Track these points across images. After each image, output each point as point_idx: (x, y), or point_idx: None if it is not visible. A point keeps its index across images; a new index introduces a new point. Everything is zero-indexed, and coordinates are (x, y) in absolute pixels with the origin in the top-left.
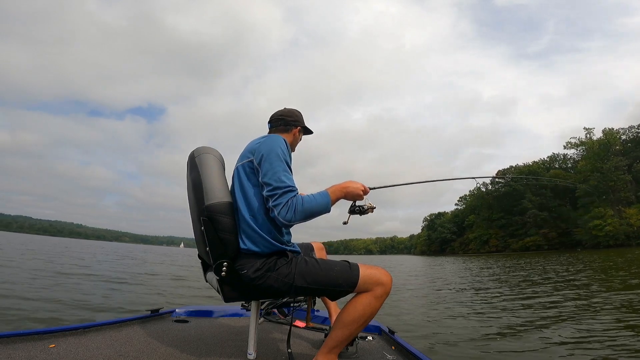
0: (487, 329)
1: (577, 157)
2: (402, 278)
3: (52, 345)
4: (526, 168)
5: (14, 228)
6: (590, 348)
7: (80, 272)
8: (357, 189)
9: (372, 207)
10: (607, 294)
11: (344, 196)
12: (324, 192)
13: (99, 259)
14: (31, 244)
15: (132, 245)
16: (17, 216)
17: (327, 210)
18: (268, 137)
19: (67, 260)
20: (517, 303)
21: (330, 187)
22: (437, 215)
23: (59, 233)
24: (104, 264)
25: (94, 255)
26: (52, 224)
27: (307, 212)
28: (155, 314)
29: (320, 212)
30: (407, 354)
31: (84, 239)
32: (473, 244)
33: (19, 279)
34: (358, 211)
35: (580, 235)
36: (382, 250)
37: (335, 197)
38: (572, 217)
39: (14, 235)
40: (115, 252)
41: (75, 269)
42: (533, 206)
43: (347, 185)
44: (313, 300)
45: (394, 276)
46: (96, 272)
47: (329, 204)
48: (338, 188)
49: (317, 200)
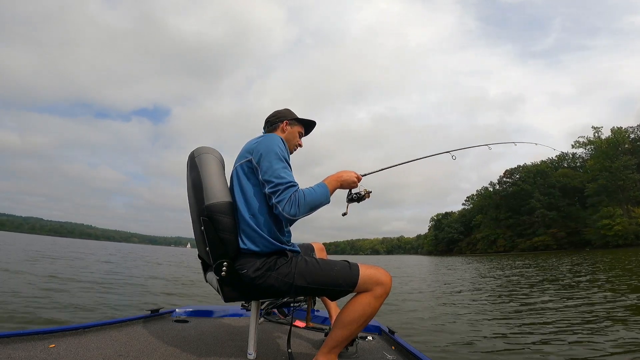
0: (488, 330)
1: (586, 156)
2: (407, 278)
3: (52, 345)
4: (534, 167)
5: (25, 229)
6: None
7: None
8: (351, 177)
9: (368, 192)
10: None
11: (340, 186)
12: (321, 183)
13: (126, 263)
14: (53, 245)
15: (142, 246)
16: (28, 217)
17: (328, 200)
18: (265, 137)
19: (94, 264)
20: (523, 304)
21: (325, 179)
22: (444, 215)
23: (69, 234)
24: (132, 267)
25: (124, 258)
26: (62, 225)
27: (310, 205)
28: (155, 314)
29: (321, 203)
30: (407, 354)
31: (94, 239)
32: (480, 244)
33: (42, 283)
34: (356, 199)
35: (589, 235)
36: (388, 250)
37: (333, 187)
38: (581, 216)
39: (28, 237)
40: (131, 252)
41: (105, 275)
42: (541, 205)
43: (341, 174)
44: (313, 300)
45: (397, 276)
46: (123, 275)
47: (329, 194)
48: (333, 178)
49: (317, 192)
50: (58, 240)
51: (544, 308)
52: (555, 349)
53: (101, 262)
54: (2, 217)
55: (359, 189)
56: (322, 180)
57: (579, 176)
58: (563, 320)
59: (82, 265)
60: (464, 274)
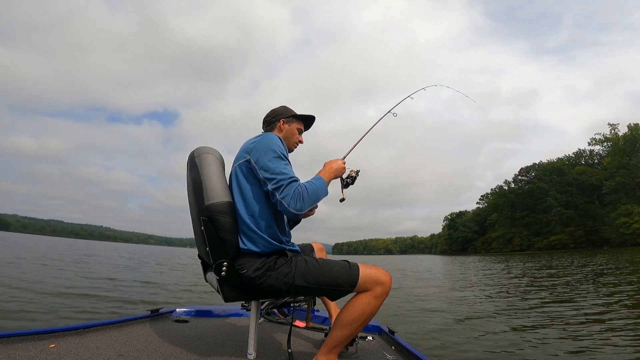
0: (489, 330)
1: (603, 153)
2: (414, 278)
3: (52, 345)
4: (550, 165)
5: (47, 232)
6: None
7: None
8: (339, 165)
9: (357, 172)
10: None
11: (334, 176)
12: (317, 176)
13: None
14: (88, 249)
15: (160, 248)
16: (49, 220)
17: (326, 192)
18: (262, 136)
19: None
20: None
21: (318, 173)
22: (457, 214)
23: (89, 236)
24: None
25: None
26: (83, 227)
27: (313, 198)
28: (155, 314)
29: (322, 195)
30: (407, 354)
31: (113, 241)
32: (496, 243)
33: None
34: (350, 182)
35: (607, 234)
36: (402, 250)
37: (328, 179)
38: (599, 214)
39: (53, 239)
40: (173, 257)
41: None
42: (558, 204)
43: (331, 166)
44: (313, 300)
45: (406, 276)
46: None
47: (326, 186)
48: (326, 171)
49: (317, 185)
50: (87, 243)
51: (558, 310)
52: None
53: (170, 269)
54: (24, 219)
55: (348, 173)
56: (317, 174)
57: (596, 173)
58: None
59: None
60: (479, 273)
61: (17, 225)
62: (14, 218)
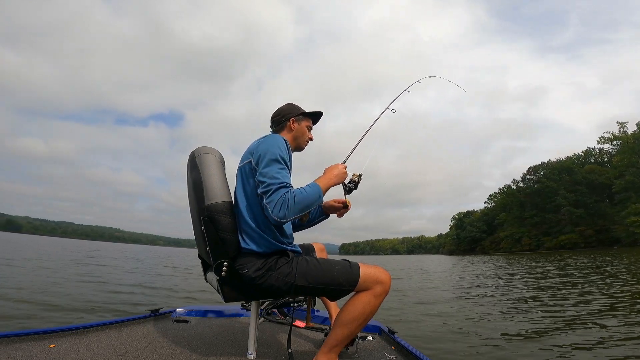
0: (489, 330)
1: (613, 151)
2: (416, 279)
3: (52, 345)
4: (559, 164)
5: (58, 233)
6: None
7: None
8: (340, 170)
9: (359, 175)
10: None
11: (334, 183)
12: (312, 183)
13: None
14: (98, 249)
15: (168, 249)
16: (60, 222)
17: (321, 200)
18: (267, 137)
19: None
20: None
21: (317, 179)
22: (465, 213)
23: (100, 237)
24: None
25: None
26: (93, 228)
27: (301, 206)
28: (155, 314)
29: (314, 203)
30: (407, 354)
31: (123, 242)
32: (504, 243)
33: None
34: (353, 187)
35: (618, 233)
36: (409, 250)
37: (327, 186)
38: (610, 213)
39: (67, 241)
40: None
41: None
42: (568, 203)
43: (331, 172)
44: (313, 300)
45: (410, 277)
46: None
47: (321, 193)
48: (325, 178)
49: (308, 192)
50: (97, 244)
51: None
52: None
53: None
54: (35, 221)
55: (350, 178)
56: (314, 181)
57: (606, 172)
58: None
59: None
60: (486, 273)
61: (29, 227)
62: (26, 220)
